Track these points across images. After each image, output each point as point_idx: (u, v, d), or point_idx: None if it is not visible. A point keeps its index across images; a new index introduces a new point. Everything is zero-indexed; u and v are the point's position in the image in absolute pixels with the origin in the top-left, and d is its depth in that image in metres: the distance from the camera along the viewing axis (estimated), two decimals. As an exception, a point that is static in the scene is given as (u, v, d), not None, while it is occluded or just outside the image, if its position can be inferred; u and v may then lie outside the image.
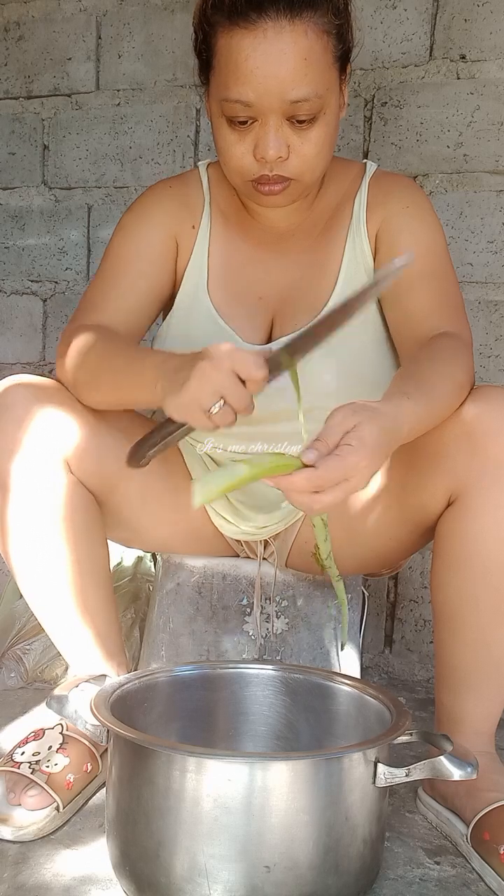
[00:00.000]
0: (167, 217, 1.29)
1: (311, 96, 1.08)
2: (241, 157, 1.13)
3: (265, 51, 1.05)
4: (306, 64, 1.07)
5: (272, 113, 1.08)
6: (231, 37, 1.07)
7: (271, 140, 1.09)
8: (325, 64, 1.09)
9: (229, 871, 0.89)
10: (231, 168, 1.16)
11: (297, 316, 1.25)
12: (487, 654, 1.11)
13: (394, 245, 1.23)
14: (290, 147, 1.11)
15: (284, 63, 1.06)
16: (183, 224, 1.30)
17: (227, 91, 1.09)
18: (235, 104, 1.09)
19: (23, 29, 2.07)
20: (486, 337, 1.73)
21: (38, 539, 1.19)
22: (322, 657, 1.43)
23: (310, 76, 1.07)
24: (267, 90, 1.07)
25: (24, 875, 1.01)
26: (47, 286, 2.11)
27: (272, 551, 1.38)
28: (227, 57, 1.08)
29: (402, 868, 1.06)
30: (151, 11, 1.95)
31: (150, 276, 1.28)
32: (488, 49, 1.69)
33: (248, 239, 1.29)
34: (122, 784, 0.95)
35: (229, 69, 1.08)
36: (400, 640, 1.81)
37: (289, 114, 1.09)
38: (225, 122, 1.12)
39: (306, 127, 1.10)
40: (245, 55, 1.06)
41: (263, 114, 1.09)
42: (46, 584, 1.21)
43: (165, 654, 1.45)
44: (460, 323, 1.18)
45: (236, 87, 1.08)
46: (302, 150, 1.11)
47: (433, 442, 1.09)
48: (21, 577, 1.22)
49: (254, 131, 1.11)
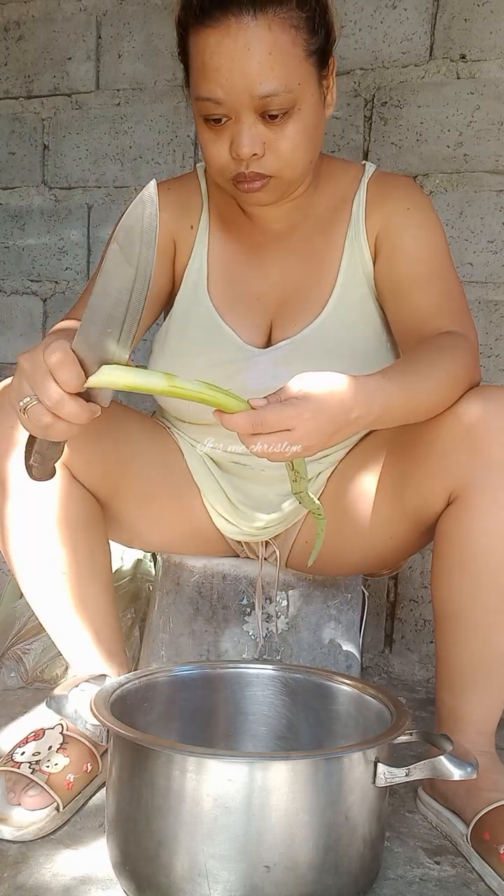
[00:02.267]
0: (165, 217, 1.29)
1: (280, 91, 1.08)
2: (218, 156, 1.13)
3: (229, 47, 1.06)
4: (271, 58, 1.07)
5: (243, 109, 1.09)
6: (199, 36, 1.09)
7: (245, 137, 1.10)
8: (295, 58, 1.09)
9: (229, 871, 0.89)
10: (212, 168, 1.16)
11: (296, 316, 1.25)
12: (488, 654, 1.11)
13: (396, 248, 1.23)
14: (266, 144, 1.11)
15: (249, 58, 1.06)
16: (181, 225, 1.30)
17: (199, 89, 1.11)
18: (207, 102, 1.10)
19: (23, 29, 2.07)
20: (487, 337, 1.73)
21: (37, 540, 1.19)
22: (322, 657, 1.43)
23: (276, 70, 1.07)
24: (234, 86, 1.07)
25: (24, 875, 1.01)
26: (47, 286, 2.11)
27: (273, 552, 1.38)
28: (196, 56, 1.10)
29: (402, 868, 1.06)
30: (151, 11, 1.95)
31: None
32: (488, 49, 1.69)
33: (246, 240, 1.29)
34: (122, 784, 0.95)
35: (198, 67, 1.10)
36: (400, 640, 1.81)
37: (260, 109, 1.09)
38: (202, 122, 1.13)
39: (280, 122, 1.10)
40: (210, 52, 1.08)
41: (235, 111, 1.09)
42: (46, 585, 1.21)
43: (165, 654, 1.45)
44: (464, 323, 1.18)
45: (205, 85, 1.09)
46: (278, 146, 1.11)
47: (434, 441, 1.09)
48: (21, 577, 1.23)
49: (229, 129, 1.11)
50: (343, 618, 1.44)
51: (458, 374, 1.08)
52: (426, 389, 1.04)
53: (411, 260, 1.21)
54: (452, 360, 1.08)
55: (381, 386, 0.99)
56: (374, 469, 1.22)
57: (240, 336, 1.26)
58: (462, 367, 1.08)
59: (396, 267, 1.22)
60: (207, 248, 1.30)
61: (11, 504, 1.17)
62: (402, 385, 1.01)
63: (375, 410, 0.98)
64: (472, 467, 1.06)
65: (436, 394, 1.05)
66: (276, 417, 0.91)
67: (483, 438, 1.05)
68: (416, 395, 1.03)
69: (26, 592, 1.24)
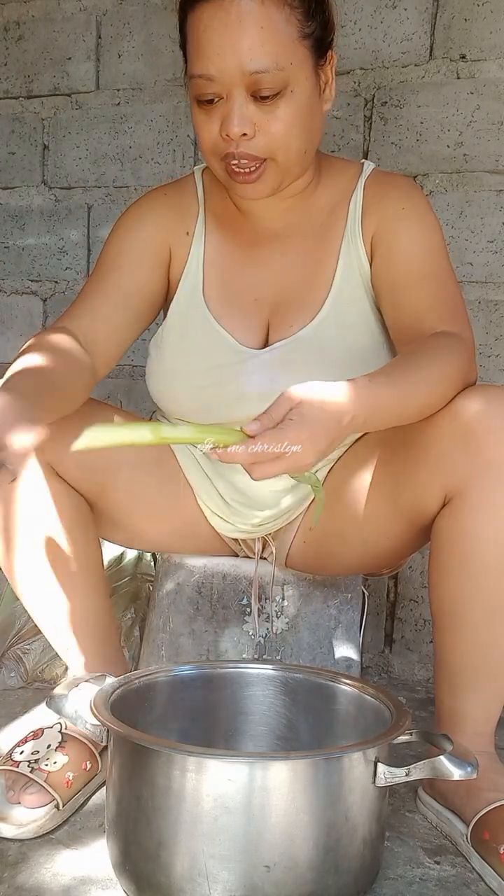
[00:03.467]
0: (160, 224, 1.30)
1: (271, 67, 1.08)
2: (209, 136, 1.14)
3: (222, 21, 1.08)
4: (263, 33, 1.08)
5: (234, 87, 1.09)
6: (194, 12, 1.11)
7: (235, 116, 1.10)
8: (288, 36, 1.10)
9: (229, 871, 0.89)
10: (204, 150, 1.17)
11: (292, 317, 1.25)
12: (486, 654, 1.11)
13: (391, 248, 1.23)
14: (257, 125, 1.11)
15: (241, 33, 1.07)
16: (177, 231, 1.30)
17: (192, 67, 1.12)
18: (199, 79, 1.11)
19: (23, 28, 2.07)
20: (486, 337, 1.73)
21: (26, 542, 1.19)
22: (322, 657, 1.42)
23: (267, 46, 1.08)
24: (225, 62, 1.08)
25: (23, 875, 1.01)
26: (47, 286, 2.11)
27: (271, 551, 1.38)
28: (191, 33, 1.12)
29: (402, 868, 1.06)
30: (151, 11, 1.95)
31: (139, 281, 1.28)
32: (488, 49, 1.69)
33: (242, 241, 1.29)
34: (122, 784, 0.95)
35: (193, 45, 1.12)
36: (400, 640, 1.81)
37: (251, 88, 1.09)
38: (196, 104, 1.14)
39: (271, 103, 1.10)
40: (204, 26, 1.09)
41: (227, 89, 1.10)
42: (38, 588, 1.22)
43: (165, 654, 1.45)
44: (460, 323, 1.17)
45: (199, 62, 1.10)
46: (269, 127, 1.12)
47: (429, 441, 1.09)
48: (13, 580, 1.23)
49: (220, 109, 1.12)
50: (343, 618, 1.44)
51: (450, 374, 1.07)
52: (415, 391, 1.04)
53: (407, 260, 1.21)
54: (444, 360, 1.07)
55: (368, 389, 0.98)
56: (370, 469, 1.22)
57: (236, 338, 1.25)
58: (454, 368, 1.07)
59: (392, 267, 1.22)
60: (203, 251, 1.30)
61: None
62: (390, 387, 1.01)
63: (363, 413, 0.97)
64: (468, 467, 1.06)
65: (425, 395, 1.05)
66: (275, 445, 0.90)
67: (479, 438, 1.04)
68: (403, 397, 1.03)
69: (20, 594, 1.24)
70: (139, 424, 0.89)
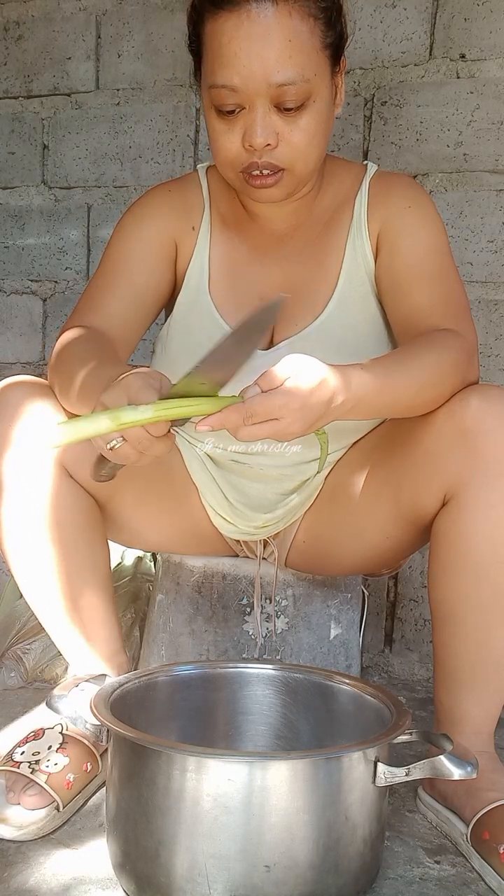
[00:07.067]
0: (166, 219, 1.29)
1: (297, 80, 1.07)
2: (229, 147, 1.13)
3: (248, 32, 1.05)
4: (291, 45, 1.06)
5: (258, 97, 1.08)
6: (216, 21, 1.08)
7: (259, 126, 1.09)
8: (312, 48, 1.09)
9: (229, 871, 0.89)
10: (221, 160, 1.15)
11: (298, 316, 1.25)
12: (486, 654, 1.11)
13: (395, 246, 1.23)
14: (280, 135, 1.10)
15: (268, 44, 1.06)
16: (182, 226, 1.30)
17: (214, 77, 1.10)
18: (222, 90, 1.09)
19: (22, 28, 2.07)
20: (486, 336, 1.73)
21: (34, 540, 1.19)
22: (322, 657, 1.43)
23: (295, 58, 1.07)
24: (251, 73, 1.07)
25: (23, 875, 1.01)
26: (47, 286, 2.11)
27: (272, 551, 1.38)
28: (212, 42, 1.09)
29: (402, 867, 1.06)
30: (151, 11, 1.95)
31: (148, 278, 1.27)
32: (488, 48, 1.69)
33: (248, 240, 1.29)
34: (122, 784, 0.95)
35: (214, 54, 1.09)
36: (400, 640, 1.81)
37: (276, 99, 1.08)
38: (214, 113, 1.12)
39: (294, 114, 1.10)
40: (229, 37, 1.07)
41: (250, 99, 1.08)
42: (44, 585, 1.22)
43: (165, 654, 1.45)
44: (462, 321, 1.17)
45: (221, 72, 1.08)
46: (291, 138, 1.11)
47: (428, 441, 1.09)
48: (18, 577, 1.23)
49: (242, 119, 1.11)
50: (343, 617, 1.44)
51: (445, 369, 1.07)
52: (407, 383, 1.04)
53: (410, 257, 1.21)
54: (439, 355, 1.07)
55: (359, 375, 0.99)
56: (369, 470, 1.22)
57: (241, 337, 1.25)
58: (450, 363, 1.07)
59: (395, 264, 1.22)
60: (209, 249, 1.30)
61: (8, 503, 1.17)
62: (381, 376, 1.01)
63: (353, 398, 0.98)
64: (467, 467, 1.06)
65: (417, 387, 1.05)
66: (265, 409, 0.91)
67: (478, 438, 1.04)
68: (393, 387, 1.03)
69: (24, 592, 1.24)
70: (100, 414, 0.89)
